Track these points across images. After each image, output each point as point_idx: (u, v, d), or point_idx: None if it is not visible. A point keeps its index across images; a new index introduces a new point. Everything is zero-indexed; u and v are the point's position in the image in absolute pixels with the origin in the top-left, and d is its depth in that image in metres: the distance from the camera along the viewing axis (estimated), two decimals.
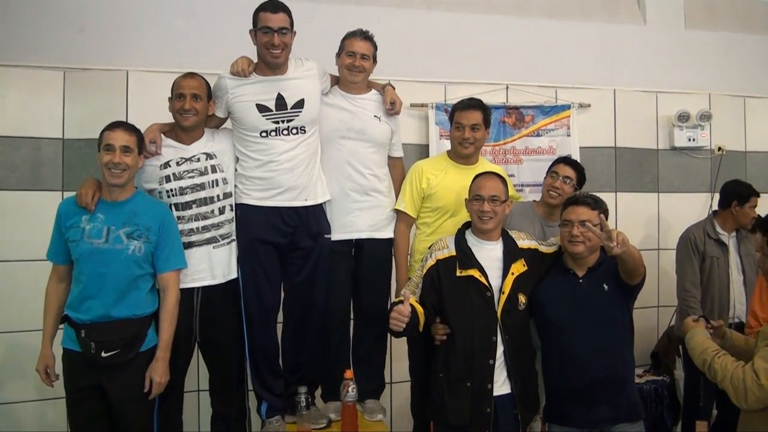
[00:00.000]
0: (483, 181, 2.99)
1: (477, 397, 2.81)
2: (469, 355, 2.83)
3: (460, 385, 2.83)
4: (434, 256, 2.95)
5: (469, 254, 2.91)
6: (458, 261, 2.90)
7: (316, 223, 3.20)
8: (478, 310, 2.85)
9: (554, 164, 3.53)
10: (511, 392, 2.84)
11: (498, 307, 2.85)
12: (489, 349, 2.82)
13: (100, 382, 2.77)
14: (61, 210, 2.86)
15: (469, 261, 2.89)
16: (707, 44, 4.94)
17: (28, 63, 3.91)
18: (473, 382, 2.81)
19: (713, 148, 4.91)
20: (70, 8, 3.97)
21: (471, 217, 3.00)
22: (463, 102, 3.38)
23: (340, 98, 3.32)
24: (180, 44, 4.07)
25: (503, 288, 2.87)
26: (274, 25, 3.02)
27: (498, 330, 2.84)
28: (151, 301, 2.89)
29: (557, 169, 3.46)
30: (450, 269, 2.90)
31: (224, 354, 3.15)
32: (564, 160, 3.56)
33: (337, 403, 3.24)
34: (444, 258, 2.93)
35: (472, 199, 2.99)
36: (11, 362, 3.83)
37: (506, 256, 2.93)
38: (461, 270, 2.88)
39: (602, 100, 4.72)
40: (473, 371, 2.82)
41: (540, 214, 3.45)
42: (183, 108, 2.99)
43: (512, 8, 4.67)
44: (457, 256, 2.91)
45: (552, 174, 3.47)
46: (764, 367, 2.38)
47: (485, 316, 2.84)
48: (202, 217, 3.05)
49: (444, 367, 2.89)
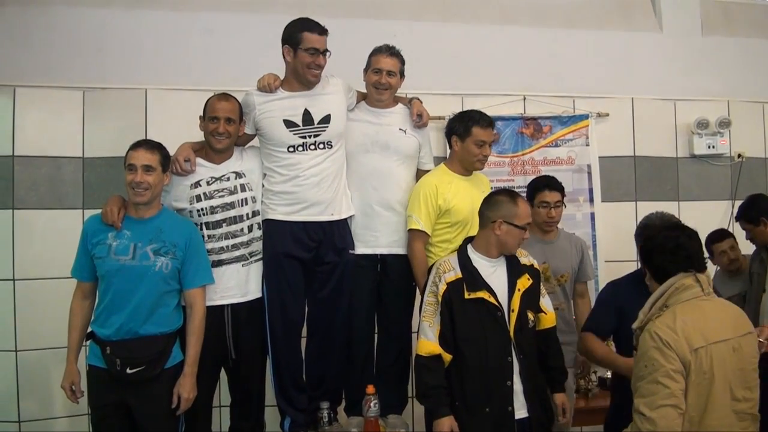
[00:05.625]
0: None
1: (499, 422, 2.75)
2: (486, 378, 2.77)
3: (479, 410, 2.76)
4: (444, 279, 2.85)
5: (476, 275, 2.84)
6: (465, 283, 2.82)
7: (341, 238, 3.21)
8: (491, 331, 2.79)
9: (537, 191, 3.55)
10: (529, 416, 2.79)
11: (510, 326, 2.81)
12: (506, 370, 2.78)
13: (125, 398, 2.78)
14: (87, 227, 2.88)
15: (477, 282, 2.82)
16: (725, 50, 4.90)
17: (48, 83, 3.97)
18: (492, 407, 2.75)
19: (733, 155, 4.85)
20: (89, 29, 4.03)
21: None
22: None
23: (366, 113, 3.34)
24: (198, 62, 4.11)
25: (512, 305, 2.83)
26: (321, 47, 3.10)
27: (513, 350, 2.79)
28: (177, 317, 2.89)
29: (546, 198, 3.52)
30: (459, 292, 2.82)
31: (247, 370, 3.16)
32: (546, 184, 3.59)
33: (359, 418, 3.22)
34: (452, 281, 2.83)
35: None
36: (36, 379, 3.85)
37: (510, 272, 2.90)
38: (469, 292, 2.81)
39: (620, 108, 4.69)
40: (491, 395, 2.76)
41: (538, 236, 3.52)
42: (217, 131, 3.03)
43: (528, 18, 4.67)
44: (464, 277, 2.83)
45: (542, 204, 3.52)
46: (642, 402, 2.31)
47: (498, 337, 2.79)
48: (232, 236, 3.08)
49: (460, 393, 2.81)
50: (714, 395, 2.31)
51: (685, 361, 2.30)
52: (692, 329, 2.34)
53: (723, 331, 2.37)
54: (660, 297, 2.44)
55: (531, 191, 3.62)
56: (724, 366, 2.32)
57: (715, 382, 2.31)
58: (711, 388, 2.31)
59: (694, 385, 2.30)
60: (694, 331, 2.34)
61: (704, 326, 2.35)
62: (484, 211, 2.94)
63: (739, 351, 2.37)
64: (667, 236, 2.58)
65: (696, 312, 2.38)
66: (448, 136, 3.40)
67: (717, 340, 2.34)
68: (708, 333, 2.35)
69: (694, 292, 2.41)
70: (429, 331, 2.84)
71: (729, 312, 2.49)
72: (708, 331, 2.35)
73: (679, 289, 2.42)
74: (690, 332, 2.33)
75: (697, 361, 2.30)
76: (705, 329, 2.35)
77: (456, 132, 3.34)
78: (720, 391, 2.32)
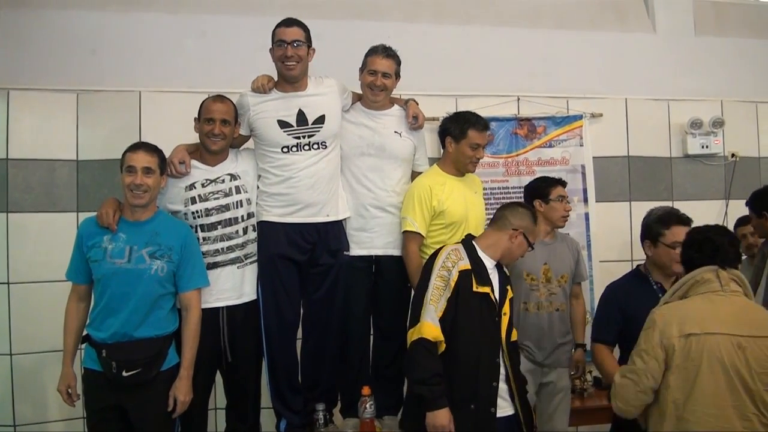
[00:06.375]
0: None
1: (481, 422, 2.73)
2: (475, 376, 2.75)
3: (464, 407, 2.73)
4: (457, 267, 2.75)
5: (484, 270, 2.82)
6: (475, 275, 2.77)
7: (336, 239, 3.22)
8: (487, 330, 2.78)
9: (551, 187, 3.57)
10: (516, 413, 2.80)
11: (502, 329, 2.81)
12: (494, 371, 2.78)
13: (121, 401, 2.77)
14: (82, 230, 2.87)
15: (485, 277, 2.80)
16: (718, 51, 4.91)
17: (42, 86, 3.95)
18: (477, 405, 2.73)
19: (727, 155, 4.86)
20: (82, 31, 4.02)
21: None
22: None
23: (361, 115, 3.34)
24: (192, 64, 4.10)
25: (504, 310, 2.84)
26: (288, 38, 3.10)
27: (501, 353, 2.80)
28: (172, 320, 2.89)
29: (562, 192, 3.57)
30: (468, 283, 2.75)
31: (243, 372, 3.16)
32: (558, 180, 3.64)
33: (355, 419, 3.24)
34: (464, 270, 2.76)
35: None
36: (32, 383, 3.83)
37: (501, 277, 2.91)
38: (478, 286, 2.76)
39: (614, 109, 4.69)
40: (477, 393, 2.74)
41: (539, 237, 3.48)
42: (212, 132, 3.04)
43: (522, 20, 4.67)
44: (473, 269, 2.78)
45: (560, 198, 3.54)
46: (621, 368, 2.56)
47: (492, 337, 2.79)
48: (227, 238, 3.08)
49: (447, 387, 2.74)
50: (700, 384, 2.34)
51: (668, 345, 2.38)
52: (690, 317, 2.40)
53: (727, 325, 2.38)
54: (680, 287, 2.53)
55: (544, 188, 3.58)
56: (718, 358, 2.33)
57: (702, 371, 2.34)
58: (697, 376, 2.35)
59: (681, 369, 2.37)
60: (692, 318, 2.39)
61: (706, 317, 2.39)
62: (507, 216, 2.90)
63: (746, 351, 2.35)
64: (698, 230, 2.67)
65: (704, 303, 2.44)
66: (441, 136, 3.39)
67: (715, 332, 2.36)
68: (707, 323, 2.38)
69: (710, 287, 2.46)
70: (436, 315, 2.72)
71: (746, 311, 2.47)
72: (708, 321, 2.38)
73: (699, 282, 2.48)
74: (686, 319, 2.39)
75: (686, 346, 2.36)
76: (706, 319, 2.39)
77: (451, 133, 3.33)
78: (708, 382, 2.34)
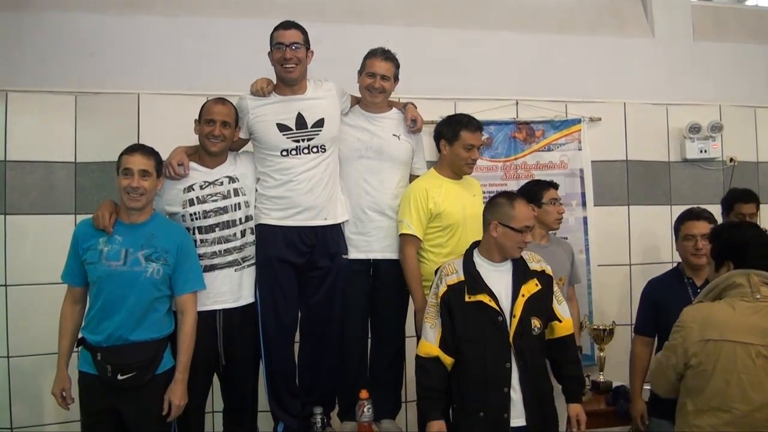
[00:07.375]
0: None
1: (494, 428, 2.72)
2: (483, 383, 2.74)
3: (474, 415, 2.73)
4: (444, 282, 2.84)
5: (478, 278, 2.81)
6: (466, 286, 2.79)
7: (334, 243, 3.21)
8: (490, 336, 2.76)
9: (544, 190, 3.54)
10: (527, 425, 2.75)
11: (510, 331, 2.76)
12: (503, 376, 2.74)
13: (116, 405, 2.77)
14: (78, 232, 2.86)
15: (478, 286, 2.79)
16: (716, 55, 4.92)
17: (40, 88, 3.94)
18: (487, 413, 2.72)
19: (725, 160, 4.87)
20: (81, 33, 4.01)
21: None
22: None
23: (360, 117, 3.34)
24: (190, 67, 4.10)
25: (514, 311, 2.78)
26: (286, 41, 3.10)
27: (512, 356, 2.76)
28: (168, 323, 2.88)
29: (554, 195, 3.56)
30: (460, 295, 2.79)
31: (240, 375, 3.15)
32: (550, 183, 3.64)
33: (353, 423, 3.23)
34: (453, 284, 2.81)
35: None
36: (29, 386, 3.82)
37: (516, 277, 2.85)
38: (470, 295, 2.78)
39: (612, 113, 4.70)
40: (488, 400, 2.73)
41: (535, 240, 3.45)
42: (212, 134, 3.03)
43: (520, 24, 4.68)
44: (466, 280, 2.81)
45: (551, 201, 3.54)
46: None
47: (497, 342, 2.76)
48: (224, 240, 3.08)
49: (457, 395, 2.81)
50: (710, 390, 2.35)
51: (690, 347, 2.41)
52: (714, 322, 2.41)
53: (748, 334, 2.36)
54: (714, 289, 2.55)
55: (536, 192, 3.51)
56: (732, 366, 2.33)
57: (714, 378, 2.35)
58: (708, 382, 2.36)
59: (698, 372, 2.40)
60: (713, 323, 2.40)
61: (728, 323, 2.39)
62: (484, 213, 2.91)
63: None
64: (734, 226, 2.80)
65: (728, 309, 2.43)
66: (436, 140, 3.39)
67: (733, 340, 2.36)
68: (728, 330, 2.38)
69: (740, 291, 2.46)
70: (430, 332, 2.83)
71: None
72: (729, 328, 2.38)
73: (731, 285, 2.49)
74: (708, 323, 2.41)
75: (704, 351, 2.38)
76: (727, 326, 2.38)
77: (444, 136, 3.33)
78: (718, 390, 2.34)
